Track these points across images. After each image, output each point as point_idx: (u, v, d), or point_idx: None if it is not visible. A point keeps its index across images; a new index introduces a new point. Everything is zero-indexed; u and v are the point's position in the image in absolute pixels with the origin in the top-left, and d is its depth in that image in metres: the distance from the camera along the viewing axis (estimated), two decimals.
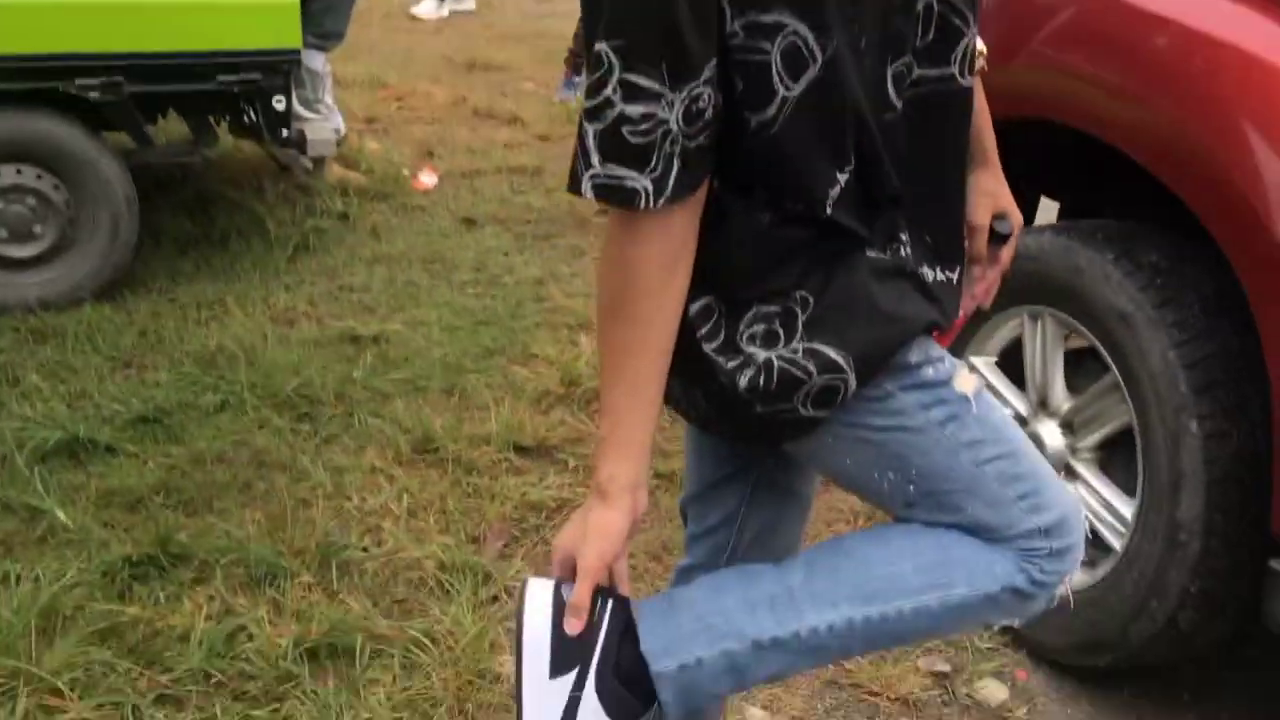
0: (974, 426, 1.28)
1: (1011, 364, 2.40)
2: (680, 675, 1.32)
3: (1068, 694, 2.30)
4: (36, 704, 2.00)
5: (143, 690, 2.10)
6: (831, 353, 1.24)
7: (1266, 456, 1.91)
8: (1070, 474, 2.28)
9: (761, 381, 1.25)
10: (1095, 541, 2.25)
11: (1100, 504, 2.21)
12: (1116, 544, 2.16)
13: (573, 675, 1.31)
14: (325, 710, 2.04)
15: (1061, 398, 2.30)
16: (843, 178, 1.20)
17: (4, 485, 2.67)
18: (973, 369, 2.36)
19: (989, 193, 1.45)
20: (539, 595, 1.32)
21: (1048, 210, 2.82)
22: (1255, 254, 1.85)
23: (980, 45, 1.37)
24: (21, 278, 3.56)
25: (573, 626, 1.27)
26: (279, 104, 3.73)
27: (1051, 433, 2.30)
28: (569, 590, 1.30)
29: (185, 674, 2.14)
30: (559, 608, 1.31)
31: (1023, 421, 2.36)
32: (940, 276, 1.33)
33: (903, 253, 1.28)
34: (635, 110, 1.11)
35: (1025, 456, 1.31)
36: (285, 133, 3.82)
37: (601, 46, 1.12)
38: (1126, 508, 2.14)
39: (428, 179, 5.14)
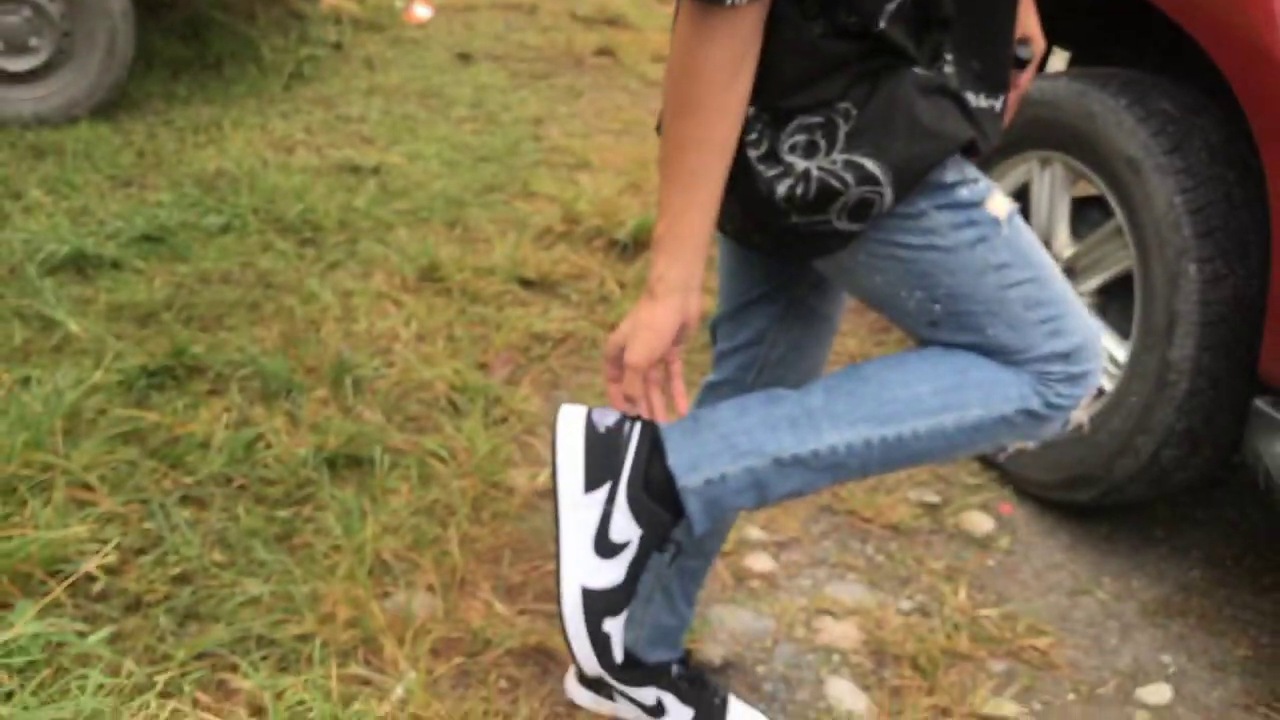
0: (1003, 249, 1.33)
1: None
2: (706, 490, 1.40)
3: (1048, 528, 2.43)
4: (69, 497, 2.07)
5: (167, 490, 2.17)
6: (870, 165, 1.27)
7: (1259, 300, 1.99)
8: None
9: (799, 191, 1.29)
10: None
11: None
12: (1108, 385, 2.26)
13: (605, 490, 1.39)
14: (347, 514, 2.13)
15: (1065, 243, 2.36)
16: None
17: (15, 295, 2.69)
18: None
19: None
20: (572, 419, 1.41)
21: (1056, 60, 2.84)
22: (1268, 95, 1.90)
23: None
24: (17, 92, 3.52)
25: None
26: None
27: None
28: (600, 415, 1.39)
29: (207, 477, 2.21)
30: (592, 429, 1.39)
31: None
32: (984, 103, 1.36)
33: (947, 71, 1.31)
34: None
35: (1051, 282, 1.36)
36: None
37: None
38: (1120, 350, 2.23)
39: (422, 12, 5.07)
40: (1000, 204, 1.34)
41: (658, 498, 1.40)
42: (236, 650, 1.85)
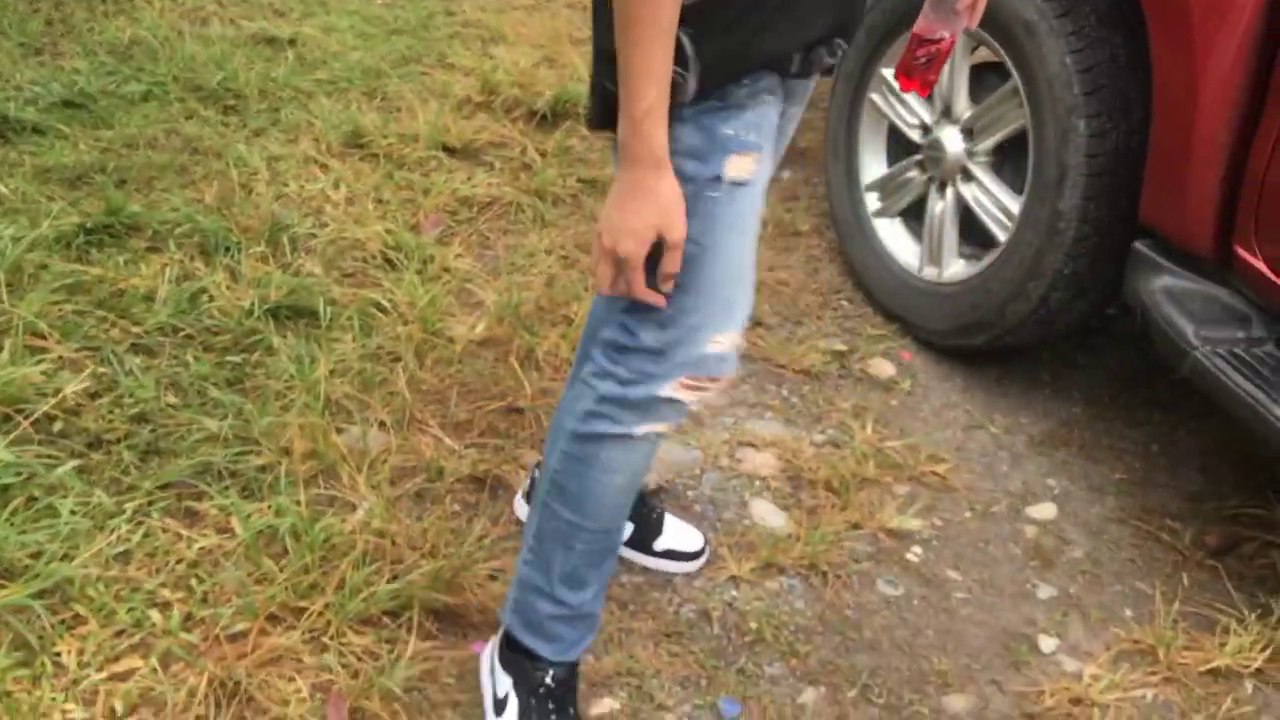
0: (694, 222, 1.32)
1: None
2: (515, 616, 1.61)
3: (944, 372, 2.64)
4: (23, 344, 2.13)
5: (116, 339, 2.25)
6: (687, 46, 1.25)
7: (1140, 153, 2.19)
8: (967, 176, 2.55)
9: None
10: (982, 238, 2.55)
11: (991, 202, 2.49)
12: (1002, 236, 2.45)
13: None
14: (297, 360, 2.23)
15: (964, 106, 2.54)
16: None
17: None
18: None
19: None
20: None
21: None
22: None
23: None
24: None
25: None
26: None
27: (953, 138, 2.55)
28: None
29: (154, 327, 2.29)
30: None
31: (926, 130, 2.61)
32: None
33: None
34: None
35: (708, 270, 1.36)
36: None
37: None
38: (1014, 203, 2.43)
39: None
40: (739, 166, 1.34)
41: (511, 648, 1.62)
42: (201, 481, 1.96)
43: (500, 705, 1.60)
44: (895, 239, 2.76)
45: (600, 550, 1.53)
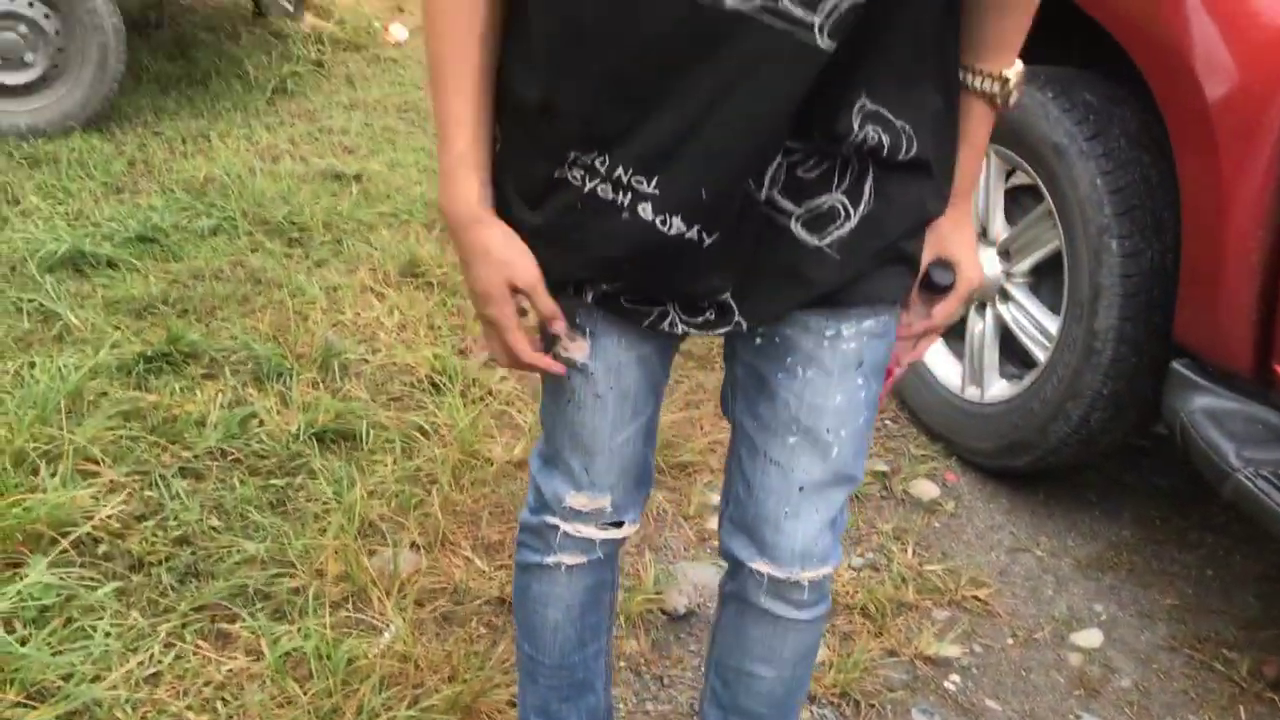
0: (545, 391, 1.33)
1: None
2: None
3: (989, 493, 2.60)
4: (75, 467, 2.21)
5: (166, 463, 2.32)
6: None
7: (1174, 272, 2.17)
8: (1005, 296, 2.54)
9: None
10: (1023, 357, 2.53)
11: (1030, 322, 2.48)
12: (1041, 356, 2.43)
13: None
14: (337, 482, 2.28)
15: (1000, 228, 2.55)
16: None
17: (16, 289, 2.84)
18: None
19: (940, 233, 1.26)
20: None
21: None
22: (1180, 89, 2.09)
23: (1017, 70, 1.22)
24: (13, 105, 3.68)
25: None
26: None
27: (990, 260, 2.55)
28: None
29: (204, 451, 2.36)
30: None
31: None
32: (684, 229, 1.10)
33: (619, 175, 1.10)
34: None
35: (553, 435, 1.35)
36: None
37: None
38: (1052, 323, 2.41)
39: (398, 32, 5.25)
40: (577, 348, 1.26)
41: None
42: (234, 603, 2.00)
43: None
44: (938, 358, 2.75)
45: (566, 686, 1.50)
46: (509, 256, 1.16)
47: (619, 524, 1.39)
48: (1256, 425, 2.05)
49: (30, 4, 3.58)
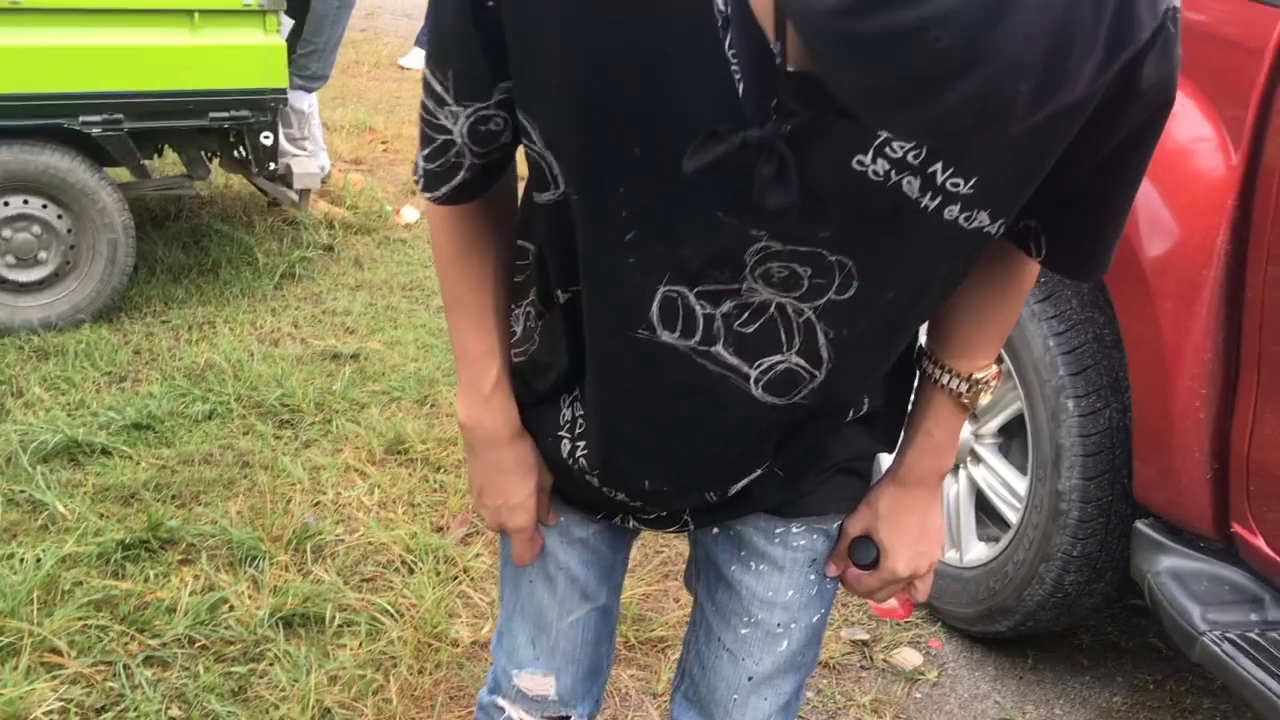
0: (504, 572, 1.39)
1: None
2: None
3: (975, 660, 2.53)
4: (39, 660, 2.22)
5: (133, 652, 2.32)
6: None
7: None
8: (975, 458, 2.52)
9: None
10: (995, 518, 2.50)
11: (1000, 483, 2.46)
12: (1013, 517, 2.40)
13: None
14: (298, 668, 2.27)
15: None
16: (565, 295, 1.13)
17: (9, 481, 2.90)
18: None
19: (875, 511, 1.27)
20: None
21: None
22: (1118, 258, 2.11)
23: (990, 371, 1.17)
24: (26, 300, 3.81)
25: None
26: (266, 139, 4.01)
27: None
28: None
29: (172, 639, 2.36)
30: None
31: None
32: (627, 500, 1.23)
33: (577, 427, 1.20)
34: (429, 104, 1.05)
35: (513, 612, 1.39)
36: (272, 166, 4.09)
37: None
38: (1020, 484, 2.39)
39: (409, 214, 5.41)
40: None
41: None
42: None
43: None
44: None
45: None
46: (537, 461, 1.25)
47: (565, 719, 1.40)
48: (1222, 586, 2.00)
49: (44, 206, 3.74)
